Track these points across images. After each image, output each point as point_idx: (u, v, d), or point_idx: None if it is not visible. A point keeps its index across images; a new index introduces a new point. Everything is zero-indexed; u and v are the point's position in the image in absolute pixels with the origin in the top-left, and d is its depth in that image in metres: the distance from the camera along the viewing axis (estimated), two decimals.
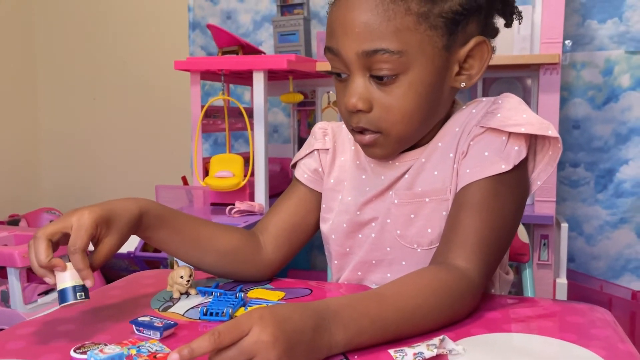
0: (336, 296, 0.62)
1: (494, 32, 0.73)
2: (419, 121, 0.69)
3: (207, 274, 0.81)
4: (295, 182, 0.85)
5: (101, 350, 0.51)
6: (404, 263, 0.73)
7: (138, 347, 0.51)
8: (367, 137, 0.70)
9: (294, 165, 0.87)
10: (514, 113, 0.68)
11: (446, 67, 0.68)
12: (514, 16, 0.74)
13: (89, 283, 0.59)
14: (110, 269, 2.14)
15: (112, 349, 0.52)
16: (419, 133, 0.72)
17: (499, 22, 0.74)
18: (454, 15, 0.65)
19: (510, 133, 0.67)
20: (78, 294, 0.58)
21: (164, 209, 0.73)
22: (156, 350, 0.50)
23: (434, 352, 0.51)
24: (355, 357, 0.53)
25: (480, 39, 0.68)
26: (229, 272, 0.79)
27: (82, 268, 0.59)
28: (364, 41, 0.64)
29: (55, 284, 0.59)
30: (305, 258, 2.22)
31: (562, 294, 1.61)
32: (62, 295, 0.59)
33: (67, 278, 0.59)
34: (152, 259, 2.08)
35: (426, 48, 0.65)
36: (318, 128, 0.85)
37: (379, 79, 0.66)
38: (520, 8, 1.67)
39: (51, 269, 0.59)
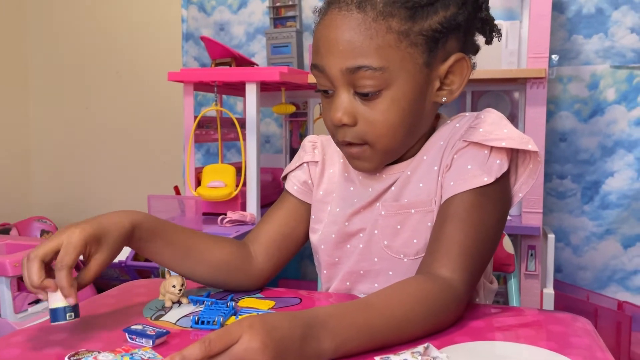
0: (325, 305, 0.63)
1: (474, 48, 0.75)
2: (402, 134, 0.71)
3: (199, 283, 0.83)
4: (285, 193, 0.87)
5: (95, 358, 0.53)
6: (391, 273, 0.75)
7: (131, 354, 0.52)
8: (355, 149, 0.72)
9: (285, 178, 0.89)
10: (495, 128, 0.70)
11: (427, 83, 0.71)
12: (494, 34, 0.77)
13: (70, 301, 0.61)
14: (101, 279, 2.14)
15: (106, 357, 0.53)
16: (404, 146, 0.74)
17: (480, 39, 0.76)
18: (434, 33, 0.68)
19: (492, 147, 0.70)
20: (67, 315, 0.61)
21: (156, 222, 0.74)
22: (149, 357, 0.52)
23: None
24: None
25: (460, 56, 0.71)
26: (220, 283, 0.80)
27: (65, 286, 0.60)
28: (347, 58, 0.67)
29: (47, 300, 0.61)
30: (295, 268, 2.23)
31: (549, 304, 1.63)
32: (53, 314, 0.61)
33: (59, 298, 0.61)
34: (143, 269, 2.08)
35: (407, 65, 0.68)
36: (308, 141, 0.88)
37: (363, 95, 0.69)
38: (508, 23, 1.71)
39: (44, 289, 0.61)
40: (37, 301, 1.78)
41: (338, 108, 0.70)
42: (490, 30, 0.76)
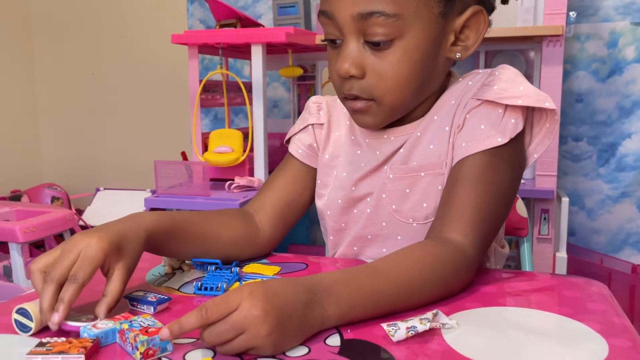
0: (330, 271, 0.61)
1: (491, 5, 0.71)
2: (412, 90, 0.68)
3: None
4: (289, 157, 0.84)
5: (94, 325, 0.52)
6: (399, 238, 0.73)
7: (130, 321, 0.51)
8: (360, 104, 0.69)
9: (288, 141, 0.85)
10: (510, 85, 0.66)
11: (442, 36, 0.67)
12: None
13: (55, 318, 0.52)
14: None
15: (105, 324, 0.52)
16: (412, 103, 0.71)
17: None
18: None
19: (506, 105, 0.66)
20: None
21: (170, 221, 0.67)
22: (148, 324, 0.50)
23: (427, 326, 0.51)
24: (349, 331, 0.53)
25: (477, 9, 0.67)
26: (230, 258, 0.77)
27: (65, 300, 0.53)
28: (359, 3, 0.63)
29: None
30: (305, 233, 2.22)
31: (561, 267, 1.61)
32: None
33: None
34: None
35: (422, 13, 0.64)
36: (312, 102, 0.84)
37: (373, 45, 0.65)
38: None
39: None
40: None
41: (346, 58, 0.66)
42: None
